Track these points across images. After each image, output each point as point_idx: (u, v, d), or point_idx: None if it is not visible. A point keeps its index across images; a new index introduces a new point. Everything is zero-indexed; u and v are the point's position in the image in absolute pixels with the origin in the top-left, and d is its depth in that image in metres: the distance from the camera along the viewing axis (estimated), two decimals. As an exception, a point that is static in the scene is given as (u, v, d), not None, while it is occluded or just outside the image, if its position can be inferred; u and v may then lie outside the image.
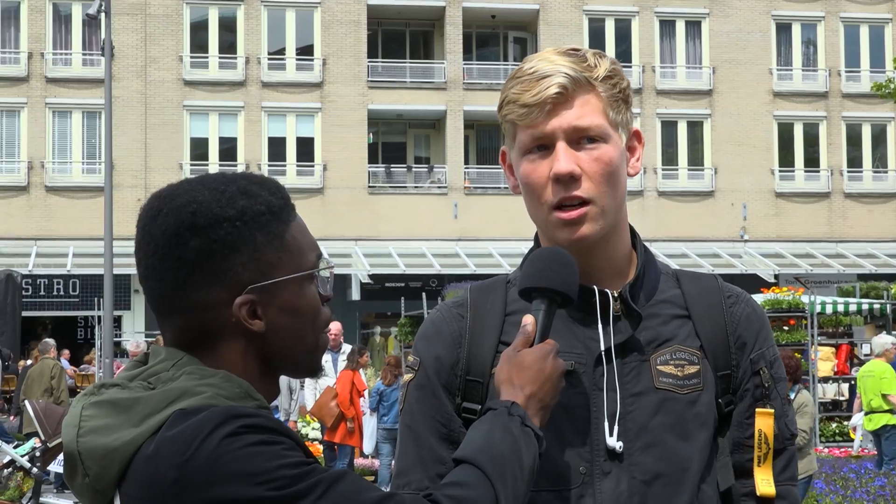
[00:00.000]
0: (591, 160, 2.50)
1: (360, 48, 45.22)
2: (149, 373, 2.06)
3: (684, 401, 2.55)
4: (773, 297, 24.93)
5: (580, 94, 2.51)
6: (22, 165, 43.01)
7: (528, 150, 2.55)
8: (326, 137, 44.57)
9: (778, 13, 47.50)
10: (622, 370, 2.56)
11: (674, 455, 2.53)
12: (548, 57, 2.57)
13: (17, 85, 43.18)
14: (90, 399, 2.05)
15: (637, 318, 2.57)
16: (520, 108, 2.52)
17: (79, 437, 2.00)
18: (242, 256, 2.05)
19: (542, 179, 2.51)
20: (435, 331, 2.68)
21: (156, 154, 43.08)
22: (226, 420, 1.91)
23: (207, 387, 2.00)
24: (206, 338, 2.07)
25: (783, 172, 47.13)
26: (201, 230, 2.04)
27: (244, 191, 2.10)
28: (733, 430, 2.65)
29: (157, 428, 1.95)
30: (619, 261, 2.64)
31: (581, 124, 2.50)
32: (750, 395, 2.65)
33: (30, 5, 43.51)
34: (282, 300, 2.08)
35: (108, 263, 30.88)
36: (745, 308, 2.69)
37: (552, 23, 46.21)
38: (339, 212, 43.50)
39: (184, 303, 2.05)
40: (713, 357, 2.61)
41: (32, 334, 38.54)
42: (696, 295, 2.67)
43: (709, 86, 46.91)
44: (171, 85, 43.78)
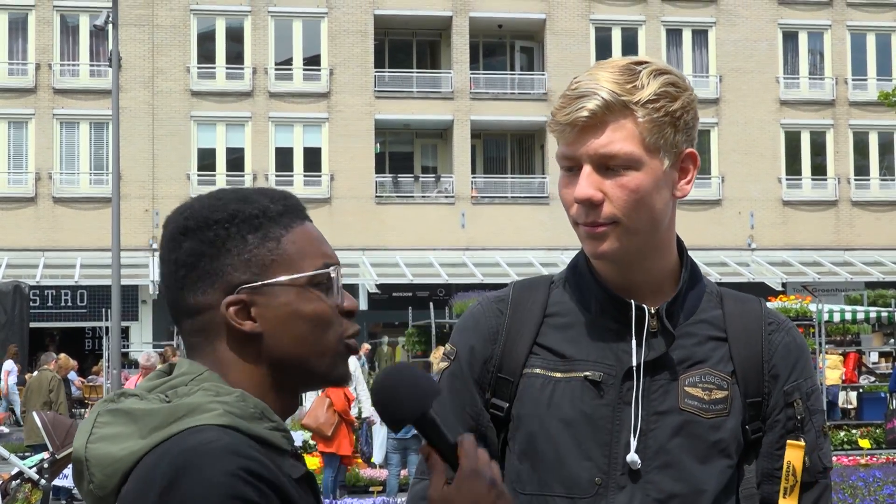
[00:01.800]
0: (616, 186, 2.47)
1: (367, 58, 45.27)
2: (168, 385, 2.06)
3: (707, 425, 2.53)
4: (780, 305, 24.90)
5: (613, 119, 2.46)
6: (30, 176, 43.08)
7: (562, 166, 2.55)
8: (333, 147, 44.61)
9: (784, 22, 47.50)
10: (650, 387, 2.55)
11: (690, 477, 2.52)
12: (597, 73, 2.49)
13: (24, 96, 43.27)
14: (108, 406, 2.05)
15: (671, 336, 2.56)
16: (555, 125, 2.51)
17: (88, 442, 2.00)
18: (231, 257, 2.06)
19: (570, 197, 2.51)
20: (473, 323, 2.70)
21: (163, 165, 43.13)
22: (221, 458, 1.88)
23: (220, 404, 1.98)
24: (208, 341, 2.08)
25: (790, 181, 47.11)
26: (192, 232, 2.07)
27: (242, 198, 2.12)
28: (763, 461, 2.62)
29: (161, 441, 1.95)
30: (660, 277, 2.62)
31: (607, 152, 2.46)
32: (781, 426, 2.62)
33: (37, 16, 43.61)
34: (279, 303, 2.08)
35: (115, 274, 30.90)
36: (784, 337, 2.67)
37: (559, 32, 46.24)
38: (346, 221, 43.52)
39: (184, 306, 2.08)
40: (744, 383, 2.59)
41: (40, 345, 38.58)
42: (736, 318, 2.65)
43: (715, 94, 46.91)
44: (178, 95, 43.84)
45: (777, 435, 2.62)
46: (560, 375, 2.58)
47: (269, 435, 2.01)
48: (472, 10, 45.95)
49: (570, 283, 2.67)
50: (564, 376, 2.57)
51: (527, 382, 2.60)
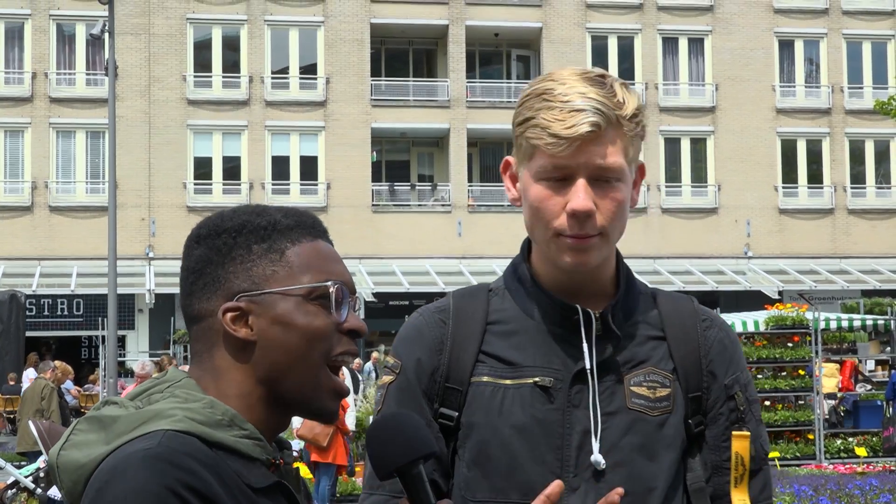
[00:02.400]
0: (606, 198, 2.54)
1: (363, 67, 45.31)
2: (147, 392, 2.07)
3: (654, 423, 2.60)
4: (776, 313, 24.88)
5: (608, 133, 2.52)
6: (26, 185, 43.08)
7: (546, 177, 2.56)
8: (330, 156, 44.63)
9: (780, 30, 47.56)
10: (598, 389, 2.60)
11: (641, 475, 2.57)
12: (578, 86, 2.55)
13: (20, 105, 43.28)
14: (89, 414, 2.07)
15: (616, 338, 2.62)
16: (549, 137, 2.52)
17: (61, 449, 2.02)
18: (235, 265, 2.08)
19: (557, 209, 2.54)
20: (417, 334, 2.71)
21: (159, 173, 43.13)
22: (150, 466, 1.88)
23: (183, 410, 1.99)
24: (207, 347, 2.10)
25: (786, 189, 47.15)
26: (203, 240, 2.11)
27: (255, 211, 2.15)
28: (710, 454, 2.69)
29: (116, 448, 1.96)
30: (604, 282, 2.69)
31: (604, 164, 2.52)
32: (725, 418, 2.69)
33: (33, 25, 43.63)
34: (275, 313, 2.08)
35: (112, 283, 30.90)
36: (718, 333, 2.73)
37: (555, 41, 46.28)
38: (342, 230, 43.49)
39: (192, 312, 2.11)
40: (685, 379, 2.66)
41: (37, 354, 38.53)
42: (672, 316, 2.72)
43: (712, 103, 46.97)
44: (174, 104, 43.86)
45: (722, 427, 2.68)
46: (509, 382, 2.61)
47: (234, 442, 2.00)
48: (469, 18, 45.99)
49: (511, 291, 2.72)
50: (514, 383, 2.61)
51: (475, 391, 2.62)
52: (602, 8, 46.71)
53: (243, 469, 1.99)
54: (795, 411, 23.77)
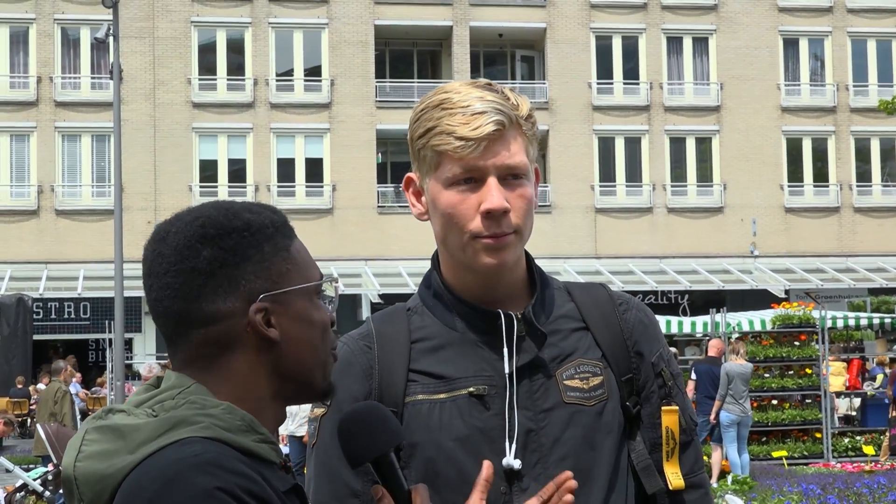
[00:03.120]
0: (516, 196, 2.59)
1: (367, 68, 45.33)
2: (156, 399, 2.05)
3: (592, 412, 2.65)
4: (783, 312, 24.88)
5: (511, 133, 2.59)
6: (32, 189, 43.13)
7: (456, 182, 2.62)
8: (335, 158, 44.65)
9: (785, 29, 47.53)
10: (532, 388, 2.64)
11: (584, 466, 2.61)
12: (474, 92, 2.61)
13: (26, 109, 43.33)
14: (95, 423, 2.05)
15: (541, 337, 2.66)
16: (456, 141, 2.57)
17: (77, 461, 2.00)
18: (252, 265, 2.07)
19: (471, 211, 2.59)
20: (345, 365, 2.69)
21: (165, 176, 43.17)
22: (207, 472, 1.88)
23: (206, 417, 1.98)
24: (221, 351, 2.06)
25: (792, 188, 47.11)
26: (212, 240, 2.06)
27: (247, 208, 2.13)
28: (646, 432, 2.75)
29: (148, 456, 1.94)
30: (519, 283, 2.73)
31: (513, 162, 2.58)
32: (656, 395, 2.75)
33: (38, 29, 43.67)
34: (294, 310, 2.10)
35: (118, 286, 30.93)
36: (637, 314, 2.80)
37: (559, 41, 46.29)
38: (348, 232, 43.57)
39: (199, 315, 2.05)
40: (615, 363, 2.71)
41: (44, 357, 38.59)
42: (589, 305, 2.77)
43: (717, 102, 46.95)
44: (179, 107, 43.90)
45: (654, 406, 2.75)
46: (444, 396, 2.63)
47: (255, 447, 2.01)
48: (473, 19, 46.01)
49: (429, 306, 2.74)
50: (448, 396, 2.63)
51: (412, 410, 2.64)
52: (606, 8, 46.70)
53: (266, 473, 1.99)
54: (803, 410, 23.75)
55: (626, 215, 45.83)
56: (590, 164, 45.71)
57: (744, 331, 24.98)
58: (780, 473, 19.76)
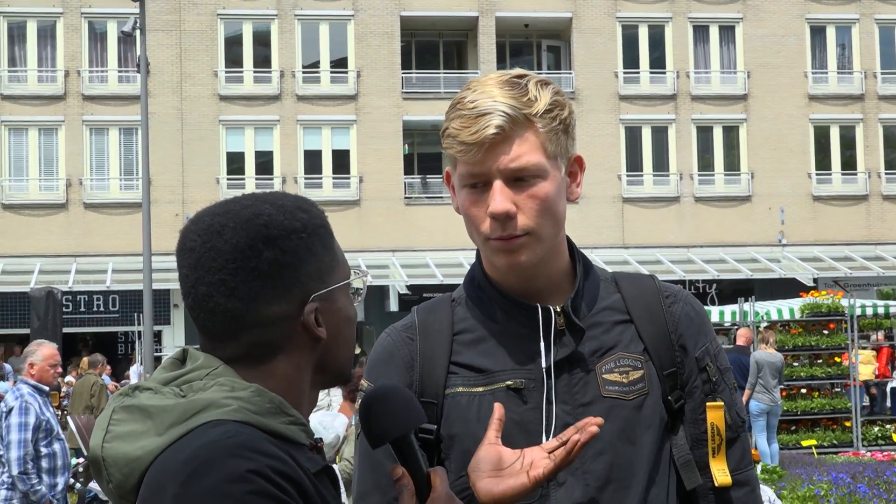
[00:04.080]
0: (526, 197, 2.57)
1: (393, 59, 45.32)
2: (183, 379, 2.06)
3: (630, 406, 2.65)
4: (812, 300, 24.80)
5: (518, 133, 2.55)
6: (60, 183, 43.28)
7: (467, 184, 2.62)
8: (362, 149, 44.67)
9: (812, 16, 47.33)
10: (570, 382, 2.64)
11: (623, 460, 2.62)
12: (489, 90, 2.58)
13: (54, 103, 43.47)
14: (122, 401, 2.05)
15: (580, 330, 2.66)
16: (458, 145, 2.57)
17: (104, 441, 2.01)
18: (308, 267, 2.08)
19: (481, 214, 2.59)
20: (387, 356, 2.74)
21: (192, 169, 43.26)
22: (239, 454, 1.89)
23: (234, 399, 1.99)
24: (271, 352, 2.07)
25: (820, 176, 46.92)
26: (274, 242, 2.06)
27: (298, 206, 2.13)
28: (689, 427, 2.74)
29: (178, 438, 1.95)
30: (559, 277, 2.72)
31: (516, 165, 2.55)
32: (700, 390, 2.74)
33: (65, 23, 43.81)
34: (337, 308, 2.13)
35: (147, 279, 31.04)
36: (683, 307, 2.79)
37: (585, 30, 46.20)
38: (375, 223, 43.59)
39: (255, 317, 2.05)
40: (657, 357, 2.71)
41: (73, 350, 38.74)
42: (635, 297, 2.76)
43: (744, 90, 46.78)
44: (206, 100, 43.97)
45: (698, 401, 2.74)
46: (482, 389, 2.65)
47: (284, 429, 2.01)
48: (499, 9, 45.95)
49: (472, 299, 2.76)
50: (487, 389, 2.65)
51: (451, 402, 2.66)
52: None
53: (296, 454, 2.00)
54: (832, 399, 23.68)
55: (654, 205, 45.74)
56: (616, 153, 45.62)
57: (772, 320, 24.92)
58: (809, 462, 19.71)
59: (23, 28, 43.88)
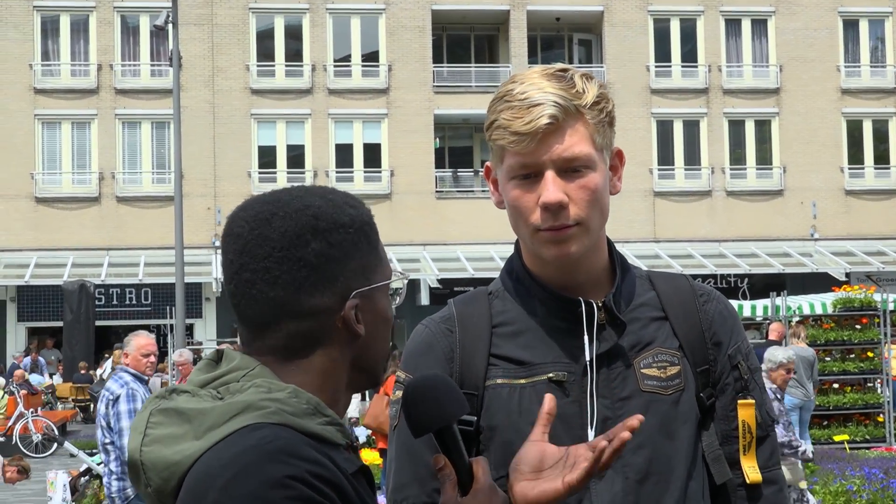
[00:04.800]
0: (577, 188, 2.59)
1: (425, 53, 45.33)
2: (220, 381, 2.06)
3: (668, 401, 2.68)
4: (844, 295, 24.67)
5: (569, 124, 2.58)
6: (93, 176, 43.46)
7: (517, 175, 2.63)
8: (393, 143, 44.71)
9: (845, 10, 47.11)
10: (609, 376, 2.67)
11: (662, 455, 2.65)
12: (537, 82, 2.60)
13: (87, 97, 43.65)
14: (160, 405, 2.05)
15: (621, 325, 2.68)
16: (510, 136, 2.58)
17: (143, 445, 2.01)
18: (352, 263, 2.09)
19: (531, 204, 2.62)
20: (426, 347, 2.75)
21: (224, 163, 43.38)
22: (279, 460, 1.89)
23: (272, 401, 1.98)
24: (310, 345, 2.07)
25: (853, 170, 46.72)
26: (322, 234, 2.07)
27: (346, 202, 2.14)
28: (720, 424, 2.77)
29: (217, 441, 1.95)
30: (598, 272, 2.74)
31: (569, 155, 2.57)
32: (731, 388, 2.77)
33: (98, 18, 43.98)
34: (377, 307, 2.13)
35: (179, 272, 31.14)
36: (717, 305, 2.82)
37: (617, 24, 46.11)
38: (406, 217, 43.62)
39: (297, 307, 2.05)
40: (692, 354, 2.73)
41: (106, 343, 38.95)
42: (670, 295, 2.79)
43: (776, 84, 46.61)
44: (238, 94, 44.08)
45: (729, 398, 2.77)
46: (524, 381, 2.67)
47: (321, 430, 2.01)
48: (530, 3, 45.90)
49: (511, 291, 2.78)
50: (528, 381, 2.67)
51: (492, 394, 2.68)
52: (664, -10, 46.51)
53: (333, 455, 2.00)
54: (864, 394, 23.57)
55: (685, 199, 45.64)
56: (648, 147, 45.53)
57: (804, 314, 24.82)
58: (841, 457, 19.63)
59: (56, 22, 44.08)
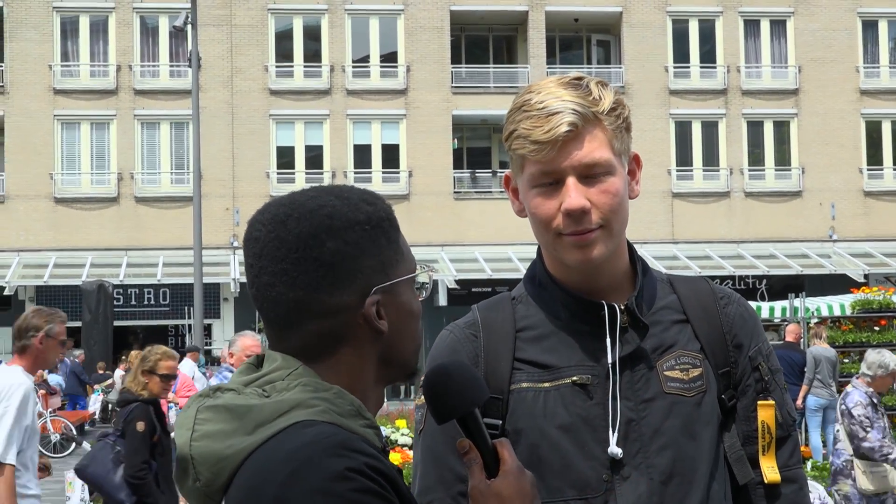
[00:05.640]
0: (599, 193, 2.62)
1: (443, 54, 45.33)
2: (265, 380, 2.08)
3: (691, 403, 2.70)
4: (862, 297, 24.60)
5: (588, 130, 2.61)
6: (112, 177, 43.56)
7: (538, 184, 2.67)
8: (411, 144, 44.72)
9: (863, 10, 46.99)
10: (633, 378, 2.69)
11: (686, 456, 2.67)
12: (554, 91, 2.63)
13: (106, 97, 43.75)
14: (206, 402, 2.07)
15: (644, 328, 2.71)
16: (531, 144, 2.62)
17: (192, 440, 2.03)
18: (370, 260, 2.11)
19: (553, 212, 2.65)
20: (450, 353, 2.77)
21: (243, 163, 43.44)
22: (338, 454, 1.91)
23: (321, 401, 2.01)
24: (334, 343, 2.10)
25: (871, 171, 46.59)
26: (337, 232, 2.09)
27: (364, 199, 2.17)
28: (741, 425, 2.79)
29: (268, 438, 1.98)
30: (620, 276, 2.77)
31: (590, 161, 2.61)
32: (752, 389, 2.80)
33: (117, 18, 44.08)
34: (401, 301, 2.15)
35: (197, 272, 31.19)
36: (737, 308, 2.85)
37: (635, 25, 46.06)
38: (425, 218, 43.62)
39: (317, 307, 2.08)
40: (713, 356, 2.76)
41: (124, 343, 39.02)
42: (691, 298, 2.82)
43: (795, 85, 46.51)
44: (256, 94, 44.14)
45: (750, 399, 2.80)
46: (548, 385, 2.70)
47: (363, 432, 2.04)
48: (548, 4, 45.88)
49: (533, 296, 2.81)
50: (553, 385, 2.70)
51: (517, 397, 2.71)
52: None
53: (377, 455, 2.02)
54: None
55: (704, 200, 45.57)
56: (666, 148, 45.47)
57: (822, 316, 24.77)
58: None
59: (75, 23, 44.19)
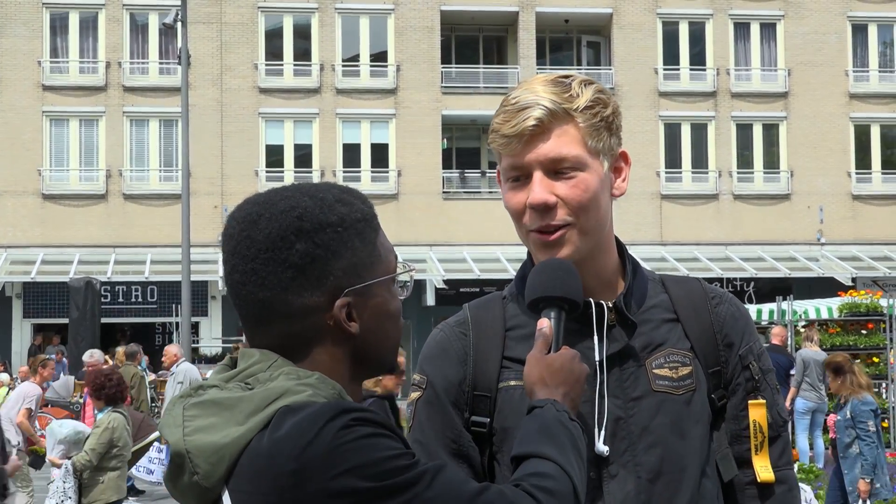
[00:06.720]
0: (567, 188, 2.63)
1: (433, 54, 45.33)
2: (245, 374, 2.10)
3: (680, 401, 2.70)
4: (850, 300, 24.67)
5: (557, 126, 2.62)
6: (100, 174, 43.49)
7: (509, 177, 2.68)
8: (401, 143, 44.71)
9: (854, 14, 47.06)
10: (621, 376, 2.69)
11: (674, 454, 2.67)
12: (532, 87, 2.66)
13: (95, 94, 43.68)
14: (190, 400, 2.09)
15: (632, 326, 2.71)
16: (500, 138, 2.64)
17: (185, 435, 2.04)
18: (342, 262, 2.11)
19: (521, 206, 2.66)
20: (440, 351, 2.78)
21: (232, 161, 43.40)
22: (337, 413, 1.96)
23: (306, 387, 2.03)
24: (303, 343, 2.11)
25: (860, 175, 46.67)
26: (307, 234, 2.09)
27: (339, 199, 2.16)
28: (730, 423, 2.80)
29: (262, 425, 2.00)
30: (609, 274, 2.77)
31: (555, 156, 2.61)
32: (742, 388, 2.80)
33: (107, 15, 44.01)
34: (374, 303, 2.15)
35: (185, 270, 31.15)
36: (728, 307, 2.85)
37: (625, 26, 46.09)
38: (413, 217, 43.61)
39: (285, 308, 2.09)
40: (703, 356, 2.76)
41: (111, 340, 38.93)
42: (682, 298, 2.82)
43: (784, 88, 46.57)
44: (246, 93, 44.10)
45: (740, 398, 2.80)
46: None
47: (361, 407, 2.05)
48: (539, 5, 45.89)
49: (523, 295, 2.77)
50: None
51: (504, 396, 2.71)
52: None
53: None
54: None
55: (692, 202, 45.61)
56: (655, 150, 45.50)
57: (810, 319, 24.82)
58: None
59: (65, 19, 44.12)
